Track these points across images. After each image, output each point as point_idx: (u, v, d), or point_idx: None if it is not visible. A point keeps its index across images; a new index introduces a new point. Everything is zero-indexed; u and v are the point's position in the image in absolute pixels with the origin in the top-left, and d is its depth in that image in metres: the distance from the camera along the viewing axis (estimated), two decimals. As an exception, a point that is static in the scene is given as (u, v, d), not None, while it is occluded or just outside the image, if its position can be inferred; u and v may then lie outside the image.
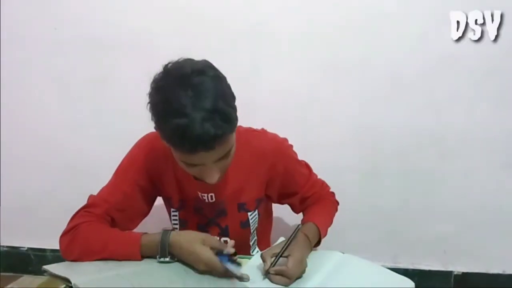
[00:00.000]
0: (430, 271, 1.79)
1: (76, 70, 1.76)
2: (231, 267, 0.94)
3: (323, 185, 1.31)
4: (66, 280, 0.88)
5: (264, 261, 0.97)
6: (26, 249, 1.97)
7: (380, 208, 1.76)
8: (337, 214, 1.29)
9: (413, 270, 1.78)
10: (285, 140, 1.20)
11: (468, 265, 1.78)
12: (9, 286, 1.85)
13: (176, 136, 0.84)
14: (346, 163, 1.71)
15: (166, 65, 0.91)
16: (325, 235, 1.18)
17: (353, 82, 1.66)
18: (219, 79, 0.90)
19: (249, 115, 0.98)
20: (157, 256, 0.99)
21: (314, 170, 1.29)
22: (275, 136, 1.18)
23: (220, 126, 0.85)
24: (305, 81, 1.68)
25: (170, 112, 0.84)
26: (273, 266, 0.95)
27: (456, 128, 1.66)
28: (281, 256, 0.97)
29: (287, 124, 1.63)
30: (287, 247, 0.99)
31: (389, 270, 1.09)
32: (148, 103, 0.91)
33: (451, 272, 1.78)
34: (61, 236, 1.03)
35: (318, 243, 1.16)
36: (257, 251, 1.15)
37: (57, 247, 1.03)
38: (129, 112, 1.72)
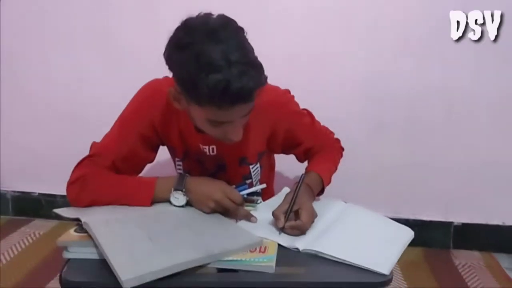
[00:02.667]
0: (430, 222, 1.82)
1: (79, 21, 1.74)
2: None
3: (327, 132, 1.31)
4: (76, 220, 0.92)
5: (277, 219, 0.97)
6: (37, 194, 2.02)
7: (384, 160, 1.77)
8: (341, 165, 1.29)
9: (414, 220, 1.81)
10: (287, 91, 1.18)
11: (469, 217, 1.81)
12: (22, 228, 1.92)
13: (216, 92, 0.82)
14: (352, 116, 1.72)
15: (185, 22, 0.89)
16: (329, 182, 1.20)
17: (361, 35, 1.64)
18: (242, 31, 0.89)
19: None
20: (172, 189, 1.02)
21: (320, 120, 1.29)
22: (276, 89, 1.15)
23: (256, 79, 0.86)
24: (313, 33, 1.65)
25: (205, 68, 0.82)
26: (286, 221, 0.97)
27: (463, 84, 1.65)
28: (291, 211, 0.99)
29: (294, 77, 1.62)
30: (295, 200, 1.00)
31: (390, 219, 1.11)
32: (170, 62, 0.90)
33: (451, 223, 1.81)
34: (69, 185, 1.04)
35: (322, 191, 1.18)
36: (260, 201, 1.17)
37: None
38: (133, 60, 1.72)
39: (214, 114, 0.89)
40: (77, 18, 1.75)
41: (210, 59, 0.82)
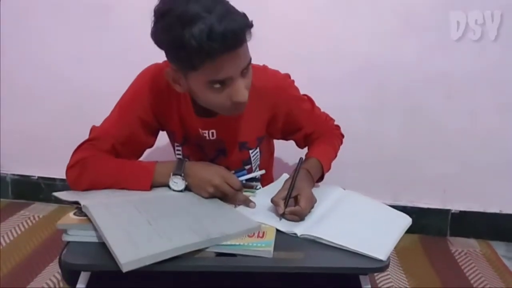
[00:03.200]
0: (428, 209, 1.82)
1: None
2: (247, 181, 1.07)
3: (327, 119, 1.30)
4: (75, 203, 0.92)
5: (277, 205, 0.98)
6: (36, 177, 2.02)
7: (383, 146, 1.77)
8: (340, 152, 1.29)
9: (412, 207, 1.81)
10: (287, 76, 1.18)
11: (467, 204, 1.82)
12: (21, 212, 1.93)
13: (203, 41, 0.82)
14: (352, 100, 1.71)
15: None
16: (329, 169, 1.20)
17: (362, 18, 1.62)
18: None
19: (255, 49, 0.96)
20: (171, 173, 1.03)
21: (320, 107, 1.29)
22: (276, 73, 1.15)
23: (239, 21, 0.86)
24: (313, 16, 1.64)
25: (188, 24, 0.83)
26: (286, 207, 0.98)
27: (464, 68, 1.64)
28: (290, 197, 0.99)
29: (294, 60, 1.62)
30: (294, 186, 1.01)
31: (388, 206, 1.11)
32: (156, 36, 0.90)
33: (448, 210, 1.82)
34: (68, 168, 1.05)
35: (321, 177, 1.18)
36: (259, 187, 1.17)
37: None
38: (134, 41, 1.70)
39: (210, 71, 0.88)
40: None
41: (191, 15, 0.83)
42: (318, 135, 1.25)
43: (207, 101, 0.98)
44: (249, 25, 0.88)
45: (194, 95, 1.00)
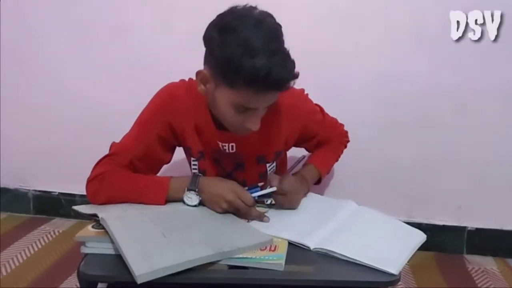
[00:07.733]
0: (444, 226, 1.80)
1: (97, 19, 1.79)
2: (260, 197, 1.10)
3: (337, 125, 1.38)
4: (94, 216, 0.95)
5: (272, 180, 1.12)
6: (57, 193, 2.07)
7: (396, 162, 1.76)
8: (353, 167, 1.33)
9: (427, 224, 1.79)
10: (302, 91, 1.22)
11: (483, 221, 1.79)
12: (42, 226, 1.97)
13: (258, 76, 0.88)
14: (363, 117, 1.71)
15: (232, 10, 0.95)
16: (328, 172, 1.28)
17: (373, 35, 1.64)
18: (280, 27, 0.97)
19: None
20: (185, 188, 1.06)
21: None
22: (292, 90, 1.16)
23: (293, 71, 0.94)
24: (325, 32, 1.66)
25: (250, 52, 0.88)
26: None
27: (474, 82, 1.64)
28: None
29: (306, 76, 1.63)
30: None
31: (402, 222, 1.11)
32: (210, 43, 0.96)
33: (464, 227, 1.80)
34: (88, 182, 1.09)
35: (319, 181, 1.29)
36: (271, 201, 1.19)
37: (85, 192, 1.09)
38: (150, 61, 1.75)
39: (244, 98, 0.94)
40: (92, 16, 1.79)
41: (256, 45, 0.89)
42: (327, 141, 1.33)
43: (222, 114, 1.03)
44: (297, 76, 0.95)
45: (213, 103, 1.03)
